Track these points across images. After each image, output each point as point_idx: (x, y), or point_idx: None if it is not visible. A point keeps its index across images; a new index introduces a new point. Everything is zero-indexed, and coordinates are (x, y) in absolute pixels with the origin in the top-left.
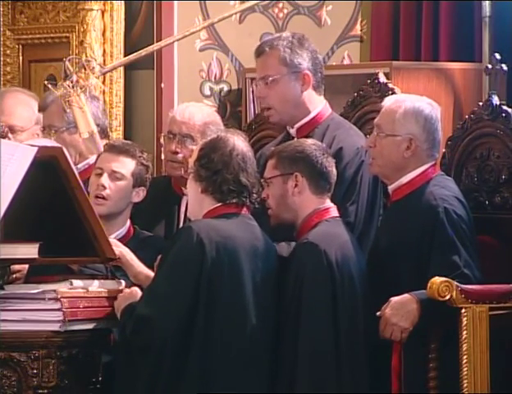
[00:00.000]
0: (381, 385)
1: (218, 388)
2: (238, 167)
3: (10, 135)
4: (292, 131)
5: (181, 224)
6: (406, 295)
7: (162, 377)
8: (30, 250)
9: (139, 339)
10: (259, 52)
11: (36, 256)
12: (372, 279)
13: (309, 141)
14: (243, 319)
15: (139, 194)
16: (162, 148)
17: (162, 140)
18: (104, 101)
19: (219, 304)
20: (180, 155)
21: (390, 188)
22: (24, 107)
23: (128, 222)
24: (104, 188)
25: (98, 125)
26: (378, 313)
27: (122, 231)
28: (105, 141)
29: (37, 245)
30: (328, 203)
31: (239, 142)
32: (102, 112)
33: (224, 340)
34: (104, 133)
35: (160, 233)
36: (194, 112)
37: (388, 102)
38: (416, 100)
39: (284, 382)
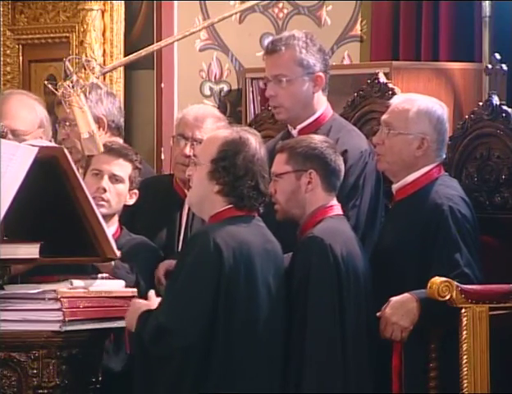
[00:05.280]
0: (382, 384)
1: (239, 389)
2: (259, 175)
3: (10, 136)
4: (294, 132)
5: (183, 229)
6: (406, 295)
7: (185, 383)
8: (31, 250)
9: (158, 349)
10: (273, 50)
11: (37, 256)
12: (377, 277)
13: (320, 138)
14: (258, 322)
15: (133, 197)
16: (163, 149)
17: (171, 142)
18: None
19: (237, 309)
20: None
21: (394, 187)
22: (28, 111)
23: (117, 223)
24: (104, 191)
25: (112, 122)
26: (378, 314)
27: (111, 230)
28: (114, 138)
29: (38, 245)
30: (334, 200)
31: (257, 145)
32: (118, 109)
33: (243, 344)
34: (118, 130)
35: (161, 236)
36: (207, 115)
37: (398, 100)
38: (428, 100)
39: (291, 379)
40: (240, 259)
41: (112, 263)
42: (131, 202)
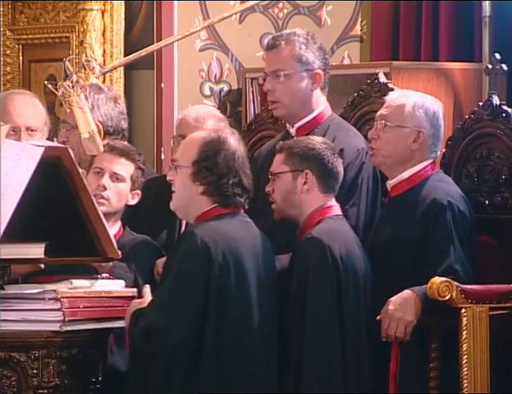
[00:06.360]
0: (382, 384)
1: (231, 389)
2: (241, 171)
3: (26, 134)
4: (292, 131)
5: (183, 229)
6: (406, 291)
7: (175, 382)
8: (37, 250)
9: (148, 347)
10: (273, 45)
11: (42, 256)
12: (374, 274)
13: (319, 139)
14: (250, 318)
15: (135, 197)
16: (164, 149)
17: (171, 143)
18: None
19: (228, 306)
20: None
21: (390, 183)
22: (35, 109)
23: (119, 222)
24: (105, 188)
25: (110, 127)
26: (378, 318)
27: (114, 230)
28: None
29: (43, 245)
30: (333, 201)
31: (236, 142)
32: (118, 113)
33: (235, 341)
34: (120, 134)
35: (162, 237)
36: (208, 116)
37: (394, 95)
38: (423, 96)
39: (290, 379)
40: (230, 256)
41: (110, 262)
42: (133, 202)
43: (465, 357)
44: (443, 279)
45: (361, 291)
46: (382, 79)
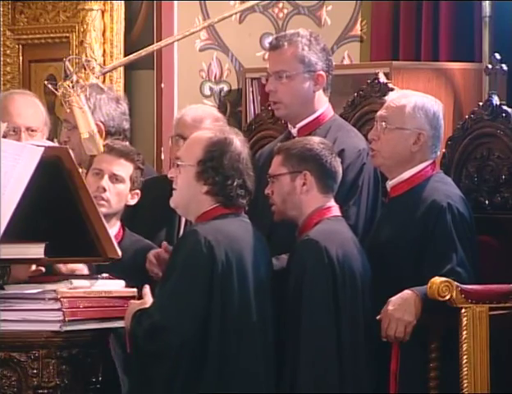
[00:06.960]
0: (381, 384)
1: (233, 389)
2: (245, 172)
3: (26, 134)
4: (293, 131)
5: (182, 229)
6: (406, 291)
7: (178, 381)
8: (36, 250)
9: (152, 346)
10: (276, 46)
11: (42, 256)
12: (374, 274)
13: (317, 140)
14: (250, 318)
15: (135, 197)
16: (164, 149)
17: (169, 142)
18: None
19: (231, 306)
20: None
21: (390, 184)
22: (35, 109)
23: (119, 223)
24: (105, 190)
25: (112, 127)
26: (378, 317)
27: (113, 230)
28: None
29: (43, 245)
30: (332, 202)
31: (241, 144)
32: (120, 114)
33: (237, 341)
34: (121, 134)
35: (161, 236)
36: (206, 116)
37: (394, 96)
38: (424, 96)
39: (286, 380)
40: (232, 255)
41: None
42: (133, 202)
43: (465, 357)
44: (443, 279)
45: (358, 292)
46: (382, 79)
